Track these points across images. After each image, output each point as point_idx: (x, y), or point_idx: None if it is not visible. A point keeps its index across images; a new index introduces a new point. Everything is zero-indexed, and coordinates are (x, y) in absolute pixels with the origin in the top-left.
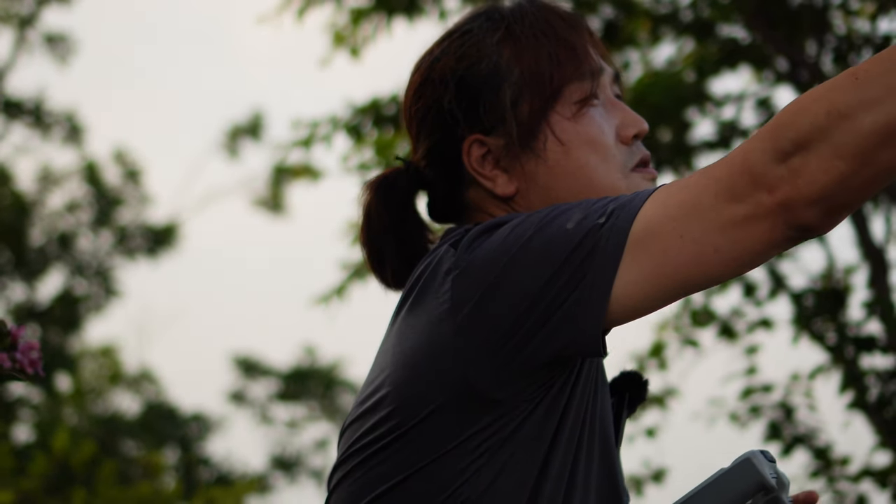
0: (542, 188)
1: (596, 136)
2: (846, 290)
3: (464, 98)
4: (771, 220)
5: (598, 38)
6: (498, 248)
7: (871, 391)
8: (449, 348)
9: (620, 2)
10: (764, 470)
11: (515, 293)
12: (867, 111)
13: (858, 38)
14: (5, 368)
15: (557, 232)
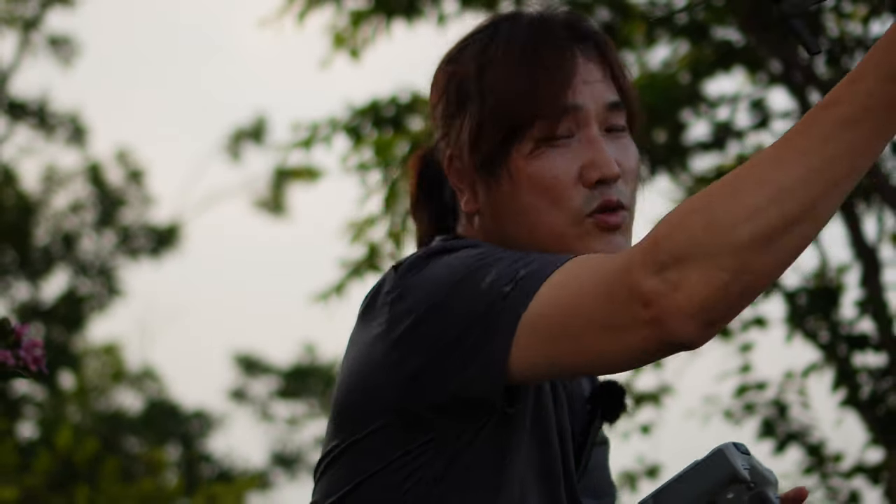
0: (493, 218)
1: (547, 179)
2: (839, 288)
3: (446, 114)
4: (644, 333)
5: (610, 58)
6: (431, 283)
7: (864, 389)
8: (382, 367)
9: (616, 5)
10: (735, 461)
11: (435, 333)
12: (746, 221)
13: (851, 41)
14: (9, 366)
15: (475, 288)
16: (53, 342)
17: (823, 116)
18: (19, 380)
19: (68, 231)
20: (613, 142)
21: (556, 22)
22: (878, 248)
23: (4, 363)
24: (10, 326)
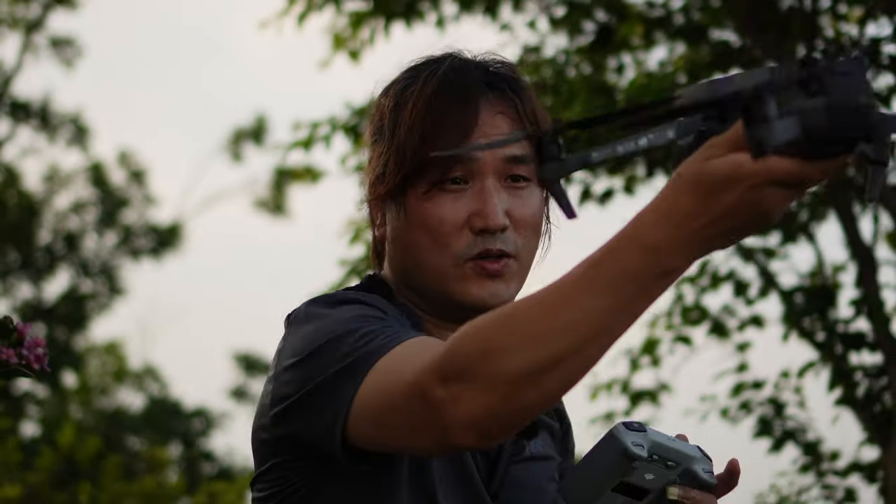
0: (392, 247)
1: (433, 220)
2: (835, 288)
3: (370, 142)
4: (437, 434)
5: (522, 110)
6: (296, 345)
7: (860, 387)
8: (264, 406)
9: (614, 6)
10: (626, 440)
11: (293, 391)
12: (516, 354)
13: (847, 42)
14: (12, 364)
15: (318, 363)
16: (56, 341)
17: (594, 271)
18: (22, 378)
19: (70, 231)
20: (511, 192)
21: (473, 73)
22: (874, 248)
23: (7, 361)
24: (12, 325)
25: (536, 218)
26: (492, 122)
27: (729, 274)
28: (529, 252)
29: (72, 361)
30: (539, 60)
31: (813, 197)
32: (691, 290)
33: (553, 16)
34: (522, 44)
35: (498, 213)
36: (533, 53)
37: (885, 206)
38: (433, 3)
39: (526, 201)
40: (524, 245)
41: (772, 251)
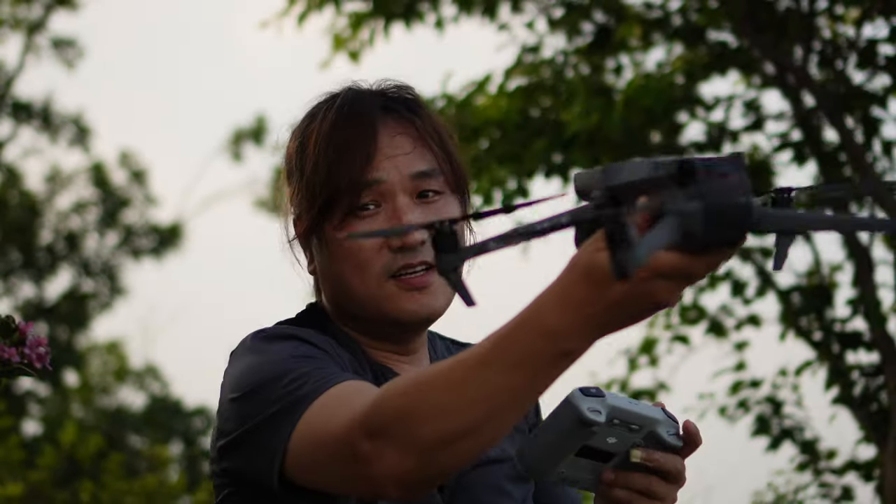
0: (322, 282)
1: (353, 248)
2: (832, 287)
3: (286, 183)
4: (365, 484)
5: (423, 128)
6: (234, 381)
7: (856, 386)
8: (212, 438)
9: (612, 7)
10: (581, 406)
11: (233, 427)
12: (426, 422)
13: (843, 43)
14: (14, 363)
15: (255, 402)
16: (57, 340)
17: (497, 350)
18: (24, 377)
19: (72, 231)
20: (425, 206)
21: (368, 101)
22: (871, 248)
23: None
24: (14, 324)
25: (456, 227)
26: (392, 143)
27: (726, 274)
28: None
29: (73, 360)
30: (537, 61)
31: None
32: (689, 289)
33: (551, 17)
34: (521, 44)
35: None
36: (531, 54)
37: (881, 205)
38: (432, 4)
39: (440, 212)
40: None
41: (769, 251)
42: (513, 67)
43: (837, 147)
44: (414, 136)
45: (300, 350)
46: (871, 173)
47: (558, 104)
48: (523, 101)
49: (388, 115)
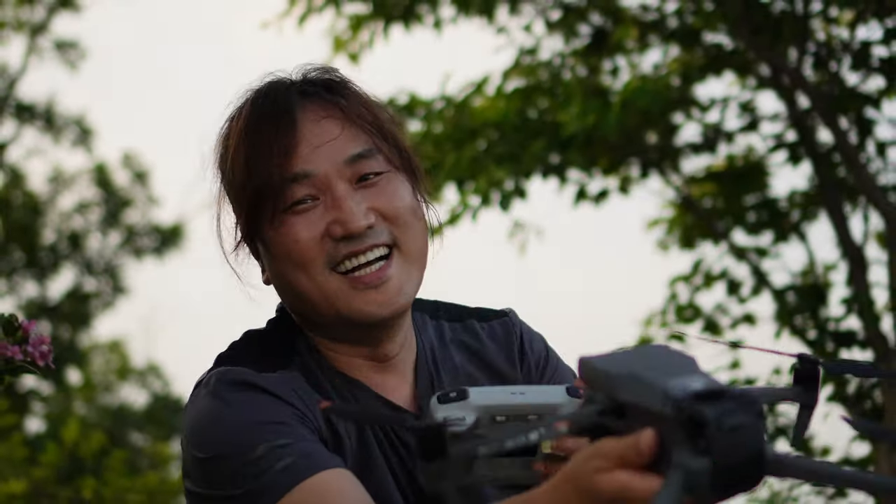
0: (276, 289)
1: (289, 244)
2: (826, 287)
3: (217, 198)
4: None
5: (352, 109)
6: (197, 431)
7: (850, 384)
8: (181, 462)
9: (609, 10)
10: (436, 415)
11: (195, 482)
12: None
13: (837, 45)
14: (17, 361)
15: (219, 473)
16: (60, 339)
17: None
18: (27, 375)
19: (75, 231)
20: (367, 190)
21: (284, 90)
22: (864, 248)
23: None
24: (17, 323)
25: (407, 202)
26: (316, 129)
27: (722, 273)
28: (415, 238)
29: (76, 359)
30: (535, 63)
31: (804, 197)
32: (685, 288)
33: (549, 19)
34: (519, 46)
35: (355, 215)
36: (529, 56)
37: (876, 206)
38: (431, 6)
39: (388, 191)
40: (404, 232)
41: (764, 250)
42: (510, 69)
43: (832, 148)
44: (341, 118)
45: (265, 412)
46: (865, 174)
47: (555, 105)
48: (521, 103)
49: (309, 100)
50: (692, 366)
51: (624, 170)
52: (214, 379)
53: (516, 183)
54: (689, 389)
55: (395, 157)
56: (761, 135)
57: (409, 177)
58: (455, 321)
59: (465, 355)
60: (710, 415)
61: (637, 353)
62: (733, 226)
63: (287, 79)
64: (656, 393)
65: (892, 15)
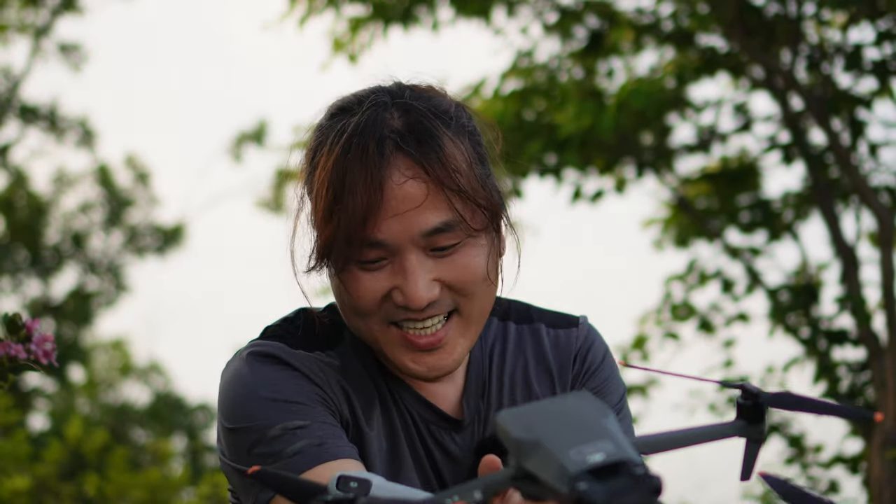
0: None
1: (353, 299)
2: (819, 286)
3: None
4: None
5: (440, 173)
6: (225, 403)
7: (843, 382)
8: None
9: (605, 13)
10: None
11: (223, 452)
12: None
13: (830, 48)
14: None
15: (240, 445)
16: (63, 337)
17: None
18: (31, 373)
19: (78, 230)
20: (439, 260)
21: (379, 132)
22: (857, 247)
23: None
24: (21, 322)
25: (476, 274)
26: (400, 194)
27: (716, 272)
28: (479, 303)
29: (79, 357)
30: (532, 65)
31: (797, 197)
32: (680, 287)
33: (545, 22)
34: (516, 49)
35: (419, 292)
36: (526, 58)
37: (868, 206)
38: (429, 8)
39: (458, 264)
40: (467, 300)
41: (757, 250)
42: (508, 71)
43: (824, 149)
44: (427, 181)
45: (288, 390)
46: (857, 174)
47: (552, 107)
48: (518, 104)
49: (400, 152)
50: (600, 428)
51: (619, 170)
52: (247, 351)
53: (513, 183)
54: (585, 465)
55: (478, 219)
56: (755, 136)
57: (488, 236)
58: (523, 323)
59: (528, 360)
60: (599, 498)
61: (549, 412)
62: (727, 225)
63: (383, 106)
64: (555, 468)
65: (884, 17)
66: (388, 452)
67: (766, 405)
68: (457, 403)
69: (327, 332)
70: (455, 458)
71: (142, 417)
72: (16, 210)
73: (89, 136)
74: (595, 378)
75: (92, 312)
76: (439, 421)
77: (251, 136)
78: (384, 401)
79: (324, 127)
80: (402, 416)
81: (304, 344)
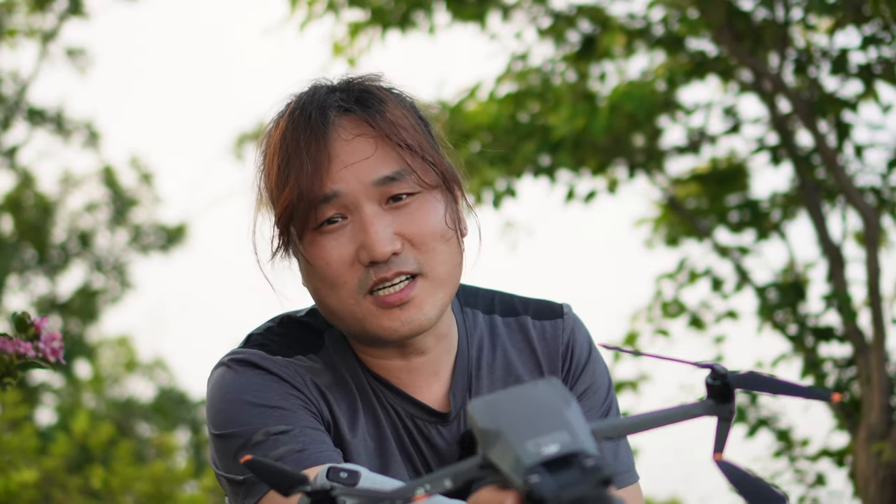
0: (310, 294)
1: (321, 266)
2: (806, 284)
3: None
4: None
5: (386, 127)
6: (211, 408)
7: (829, 377)
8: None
9: (597, 18)
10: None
11: (211, 457)
12: None
13: (817, 52)
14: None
15: (225, 452)
16: (70, 334)
17: None
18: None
19: (84, 229)
20: (396, 213)
21: (320, 102)
22: (843, 246)
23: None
24: (30, 320)
25: (435, 227)
26: (348, 148)
27: (706, 271)
28: (442, 262)
29: (85, 353)
30: (526, 69)
31: (785, 198)
32: (670, 285)
33: (539, 26)
34: (510, 52)
35: (381, 242)
36: (520, 62)
37: (854, 206)
38: (426, 13)
39: (415, 216)
40: (429, 258)
41: (746, 249)
42: (503, 75)
43: (811, 150)
44: (374, 137)
45: (269, 396)
46: (843, 175)
47: (546, 109)
48: (512, 107)
49: (344, 115)
50: (560, 419)
51: (611, 171)
52: (228, 358)
53: (508, 183)
54: (540, 456)
55: (430, 176)
56: (743, 138)
57: (443, 194)
58: (509, 316)
59: (516, 353)
60: (548, 491)
61: (516, 400)
62: (717, 225)
63: (326, 87)
64: (512, 459)
65: (869, 22)
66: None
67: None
68: (443, 397)
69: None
70: (443, 450)
71: (146, 412)
72: (24, 210)
73: (95, 138)
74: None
75: (98, 309)
76: (425, 415)
77: (252, 137)
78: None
79: (272, 115)
80: (386, 413)
81: (283, 349)
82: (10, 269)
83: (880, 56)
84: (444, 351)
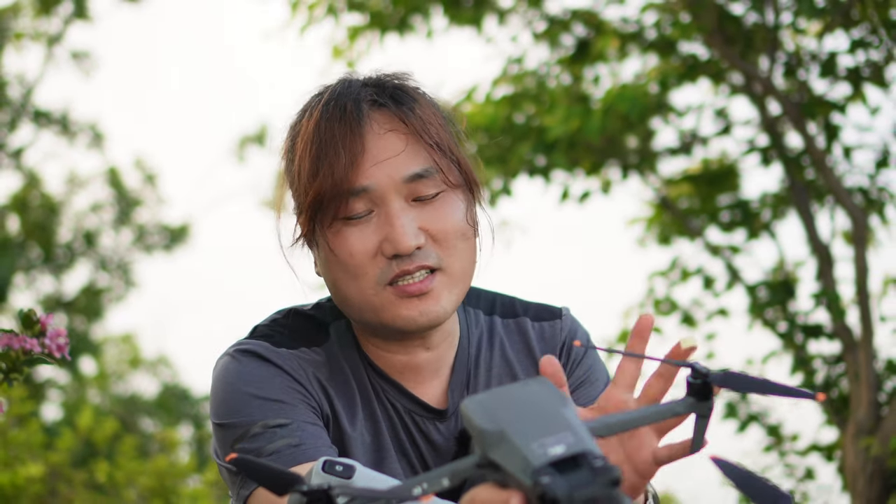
0: (326, 284)
1: (344, 256)
2: (795, 282)
3: (282, 190)
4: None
5: (417, 125)
6: (214, 397)
7: (818, 374)
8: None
9: (591, 22)
10: (313, 479)
11: (213, 447)
12: None
13: (806, 55)
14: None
15: (224, 441)
16: (75, 331)
17: None
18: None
19: (89, 229)
20: (421, 209)
21: (355, 95)
22: (832, 245)
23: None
24: (36, 317)
25: (457, 225)
26: (380, 143)
27: (697, 269)
28: (460, 259)
29: (90, 350)
30: (522, 71)
31: (775, 198)
32: (663, 283)
33: (535, 30)
34: (506, 56)
35: (406, 236)
36: (516, 65)
37: (842, 206)
38: (424, 17)
39: (440, 213)
40: (449, 255)
41: (737, 248)
42: (499, 77)
43: (801, 151)
44: (405, 133)
45: (269, 388)
46: (832, 176)
47: (541, 111)
48: (508, 109)
49: (377, 110)
50: (561, 419)
51: (605, 171)
52: (233, 348)
53: (504, 183)
54: (548, 457)
55: (454, 175)
56: (734, 139)
57: (464, 193)
58: (509, 317)
59: (514, 353)
60: (560, 491)
61: (511, 400)
62: (708, 224)
63: (359, 81)
64: (518, 460)
65: (858, 26)
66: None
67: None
68: (441, 394)
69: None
70: (440, 447)
71: (150, 408)
72: (30, 210)
73: (99, 140)
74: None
75: (102, 307)
76: (422, 411)
77: (254, 139)
78: (367, 394)
79: (303, 105)
80: (384, 408)
81: (288, 341)
82: (17, 267)
83: (868, 59)
84: (448, 348)
